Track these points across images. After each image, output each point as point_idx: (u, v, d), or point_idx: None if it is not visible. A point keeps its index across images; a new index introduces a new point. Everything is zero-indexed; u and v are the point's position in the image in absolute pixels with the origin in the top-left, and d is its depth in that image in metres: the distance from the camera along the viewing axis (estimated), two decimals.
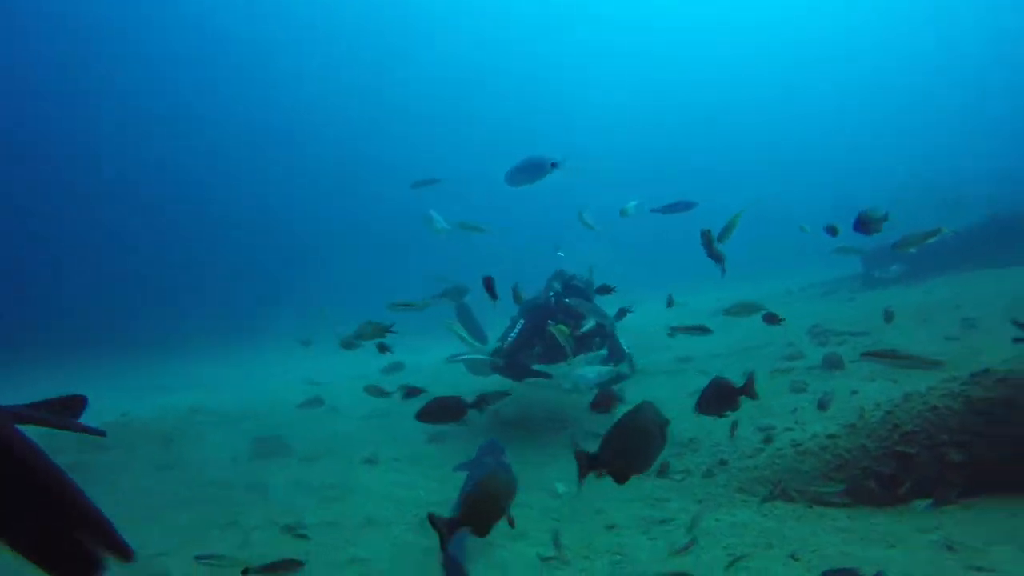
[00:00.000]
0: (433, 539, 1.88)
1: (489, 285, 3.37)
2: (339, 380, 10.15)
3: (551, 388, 5.65)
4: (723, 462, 3.71)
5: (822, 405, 3.72)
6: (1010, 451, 3.01)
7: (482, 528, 1.87)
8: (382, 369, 8.71)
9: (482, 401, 3.19)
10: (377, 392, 4.93)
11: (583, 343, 5.45)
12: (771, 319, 3.77)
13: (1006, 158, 16.85)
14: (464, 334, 5.48)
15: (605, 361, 5.53)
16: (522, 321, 5.55)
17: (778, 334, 6.70)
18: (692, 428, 4.25)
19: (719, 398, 2.67)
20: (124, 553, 0.78)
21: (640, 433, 2.02)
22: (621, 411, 3.62)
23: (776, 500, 3.29)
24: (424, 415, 3.04)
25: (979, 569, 2.51)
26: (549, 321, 5.39)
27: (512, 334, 5.53)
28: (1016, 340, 3.92)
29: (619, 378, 5.21)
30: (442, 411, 3.02)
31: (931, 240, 3.96)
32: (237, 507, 4.14)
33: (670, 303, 3.68)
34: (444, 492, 4.16)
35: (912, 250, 4.05)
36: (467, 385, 6.21)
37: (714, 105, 39.80)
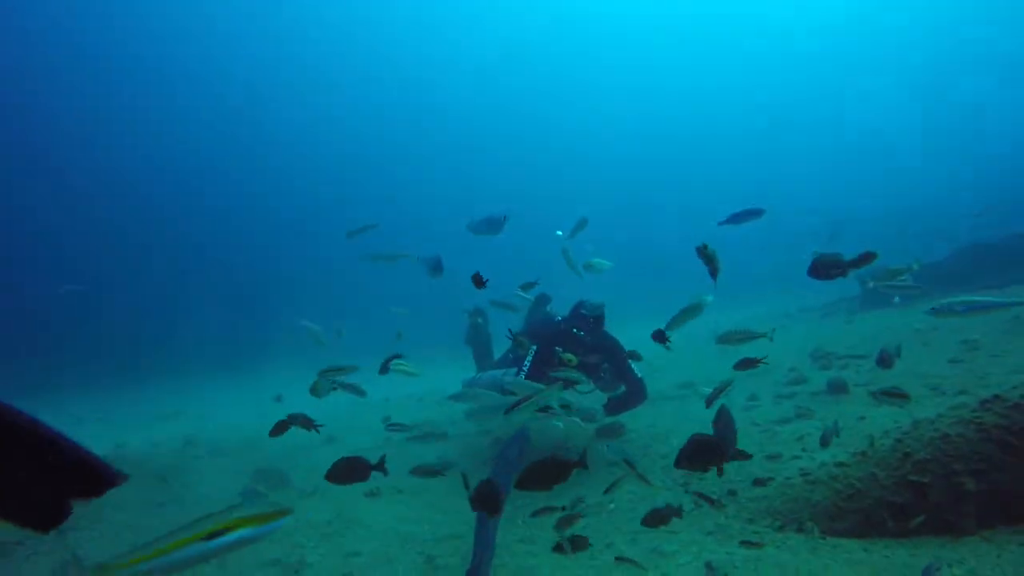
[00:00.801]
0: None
1: (477, 279, 3.58)
2: (338, 409, 10.03)
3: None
4: (732, 492, 3.64)
5: (825, 441, 3.67)
6: None
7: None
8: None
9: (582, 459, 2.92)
10: None
11: (591, 370, 5.39)
12: (748, 364, 3.75)
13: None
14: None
15: (615, 387, 5.48)
16: (535, 347, 5.39)
17: (780, 358, 6.69)
18: None
19: (700, 453, 2.53)
20: (112, 479, 0.75)
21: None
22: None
23: (788, 531, 3.23)
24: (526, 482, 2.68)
25: None
26: (557, 348, 5.34)
27: (527, 361, 5.36)
28: None
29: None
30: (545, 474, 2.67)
31: (901, 278, 4.06)
32: None
33: (663, 339, 3.48)
34: (449, 526, 4.07)
35: (905, 277, 4.11)
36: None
37: (712, 126, 40.69)
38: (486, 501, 2.61)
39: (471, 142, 39.08)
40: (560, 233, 6.18)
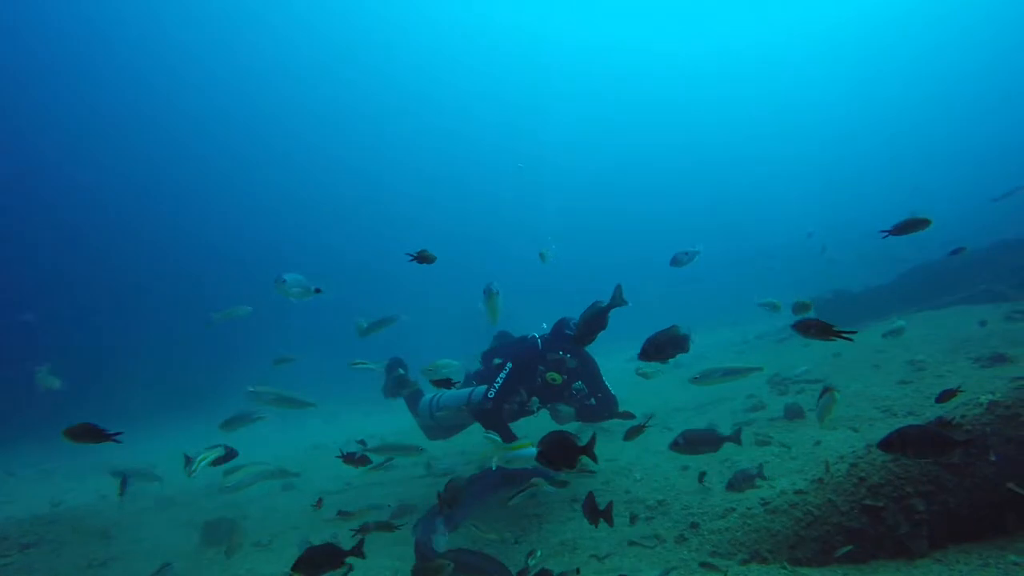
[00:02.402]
0: None
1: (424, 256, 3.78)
2: (296, 451, 9.69)
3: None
4: (695, 525, 3.62)
5: (735, 486, 3.82)
6: (970, 499, 3.04)
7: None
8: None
9: None
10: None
11: (565, 392, 5.34)
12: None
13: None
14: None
15: (586, 404, 5.43)
16: (509, 365, 5.25)
17: (740, 386, 6.78)
18: (660, 490, 4.17)
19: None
20: None
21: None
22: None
23: (752, 563, 3.21)
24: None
25: None
26: (541, 368, 5.26)
27: (499, 379, 5.19)
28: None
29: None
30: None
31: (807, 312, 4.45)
32: None
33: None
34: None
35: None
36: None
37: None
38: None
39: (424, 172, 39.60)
40: (548, 249, 6.18)
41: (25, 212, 26.99)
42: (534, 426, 5.57)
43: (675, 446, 3.68)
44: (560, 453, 2.63)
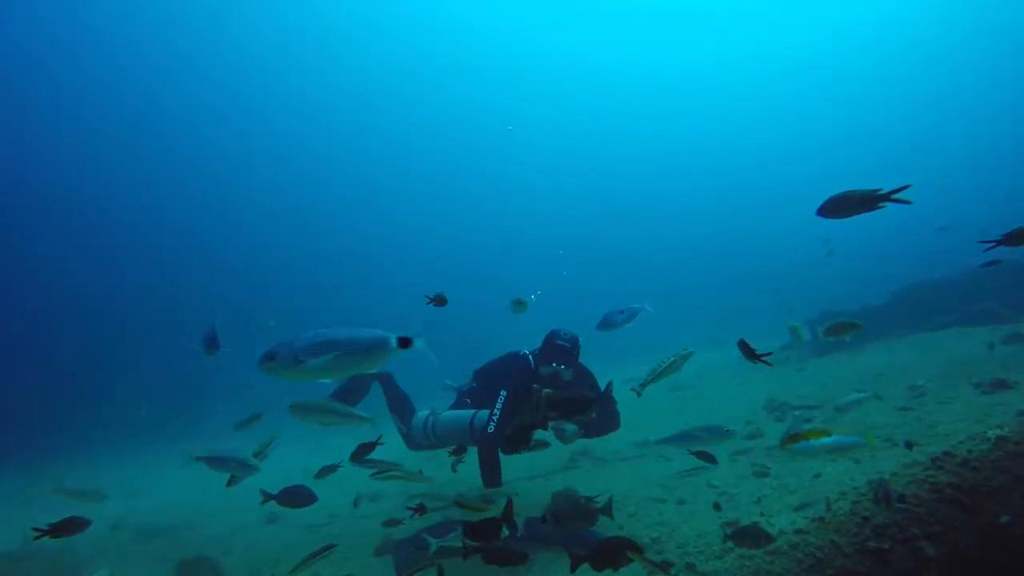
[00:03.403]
0: None
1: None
2: (286, 479, 9.40)
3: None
4: (690, 566, 3.44)
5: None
6: (981, 540, 2.89)
7: None
8: None
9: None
10: None
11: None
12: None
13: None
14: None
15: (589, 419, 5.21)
16: (504, 392, 5.04)
17: (736, 411, 6.63)
18: (655, 526, 3.99)
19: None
20: None
21: None
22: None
23: None
24: None
25: None
26: (535, 385, 5.06)
27: (497, 407, 4.99)
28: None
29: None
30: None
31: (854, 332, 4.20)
32: None
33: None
34: None
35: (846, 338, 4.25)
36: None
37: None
38: None
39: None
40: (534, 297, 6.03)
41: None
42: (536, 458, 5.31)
43: (544, 522, 3.18)
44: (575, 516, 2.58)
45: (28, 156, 28.20)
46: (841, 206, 2.65)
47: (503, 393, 5.01)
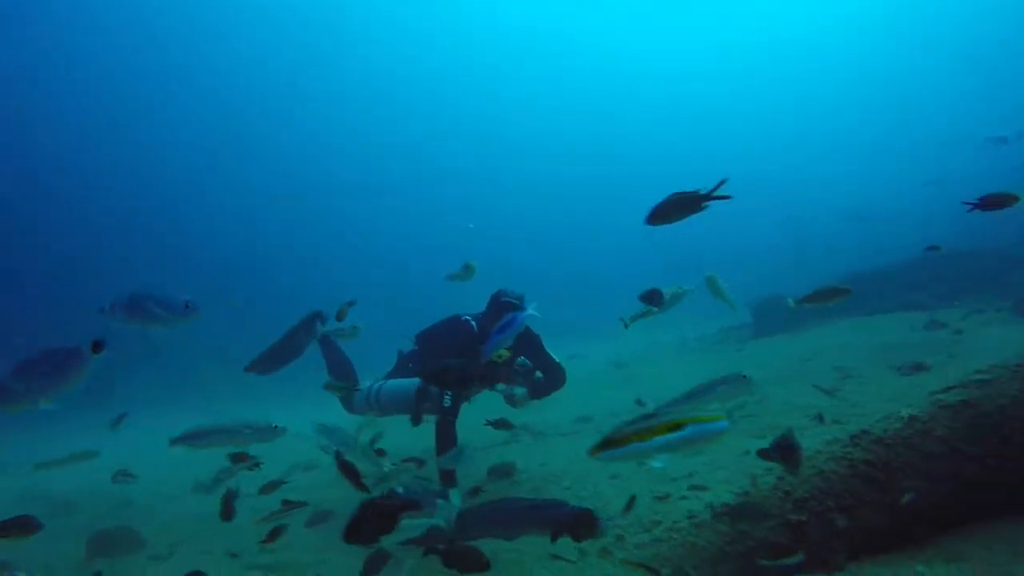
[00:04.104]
0: None
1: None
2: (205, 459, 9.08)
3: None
4: (620, 538, 3.49)
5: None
6: (890, 513, 3.03)
7: None
8: None
9: None
10: None
11: (509, 371, 5.07)
12: None
13: None
14: None
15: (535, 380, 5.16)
16: (453, 365, 4.79)
17: (676, 388, 6.76)
18: (589, 499, 4.04)
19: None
20: None
21: None
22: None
23: None
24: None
25: None
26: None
27: (447, 393, 4.80)
28: None
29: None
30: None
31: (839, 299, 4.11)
32: None
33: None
34: None
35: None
36: None
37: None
38: None
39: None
40: (472, 227, 5.91)
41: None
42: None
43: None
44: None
45: None
46: (669, 212, 2.68)
47: (451, 365, 4.92)
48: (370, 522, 2.37)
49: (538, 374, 5.21)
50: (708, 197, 2.62)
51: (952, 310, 8.42)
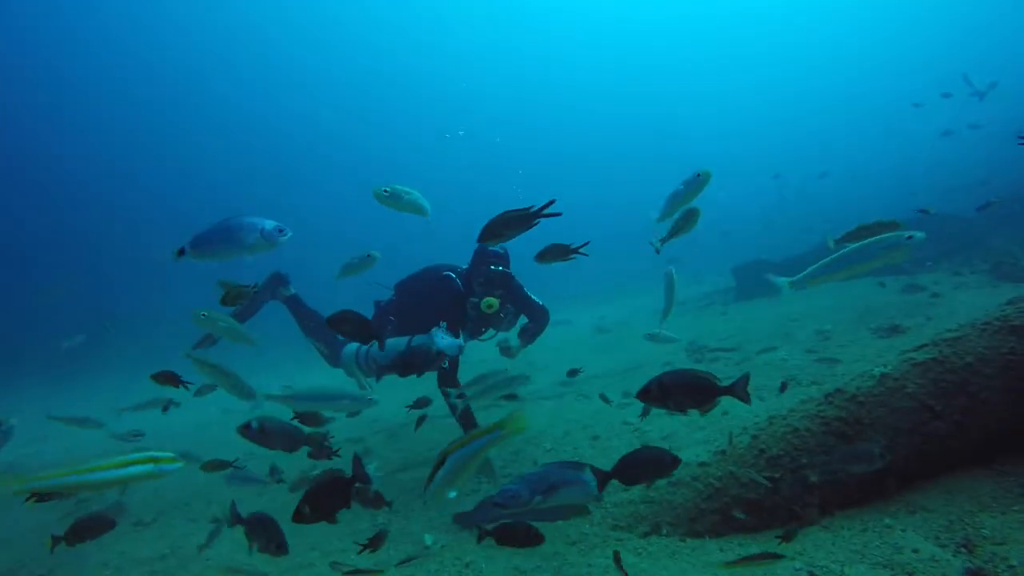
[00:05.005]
0: None
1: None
2: (198, 417, 9.10)
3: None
4: (598, 498, 3.54)
5: None
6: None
7: None
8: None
9: None
10: None
11: (494, 320, 5.05)
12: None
13: None
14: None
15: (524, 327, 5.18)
16: (443, 324, 4.77)
17: (657, 353, 6.83)
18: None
19: None
20: None
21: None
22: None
23: (651, 536, 3.17)
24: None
25: None
26: (473, 300, 4.91)
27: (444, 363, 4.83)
28: None
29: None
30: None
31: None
32: None
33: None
34: (301, 554, 3.66)
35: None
36: None
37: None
38: None
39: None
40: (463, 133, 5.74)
41: None
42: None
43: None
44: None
45: None
46: (501, 229, 2.62)
47: (442, 325, 4.87)
48: (324, 499, 2.34)
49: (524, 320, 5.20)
50: (539, 215, 2.52)
51: (931, 274, 8.53)
